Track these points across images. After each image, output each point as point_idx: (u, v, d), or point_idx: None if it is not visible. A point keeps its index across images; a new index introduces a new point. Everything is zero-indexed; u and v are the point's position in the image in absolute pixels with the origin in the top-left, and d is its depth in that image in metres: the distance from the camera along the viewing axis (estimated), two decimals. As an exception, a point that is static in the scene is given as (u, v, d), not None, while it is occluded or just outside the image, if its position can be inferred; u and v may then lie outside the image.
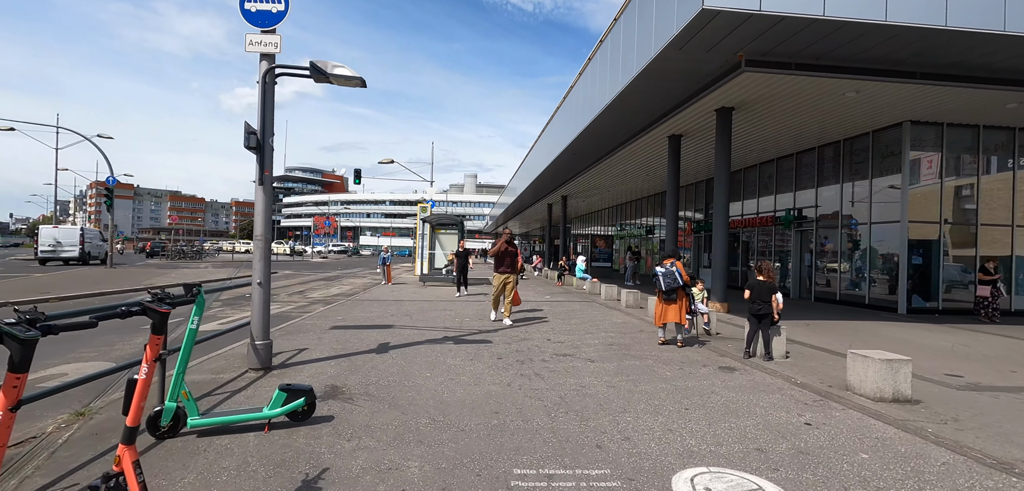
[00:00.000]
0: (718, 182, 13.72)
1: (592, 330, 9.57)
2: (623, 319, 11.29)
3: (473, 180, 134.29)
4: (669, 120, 14.79)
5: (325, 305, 13.50)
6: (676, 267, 8.13)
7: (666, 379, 6.04)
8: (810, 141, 17.24)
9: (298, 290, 18.15)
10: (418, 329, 9.30)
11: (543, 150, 26.95)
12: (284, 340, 7.93)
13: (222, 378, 5.65)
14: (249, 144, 5.78)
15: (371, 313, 11.41)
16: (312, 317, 10.62)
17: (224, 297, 15.07)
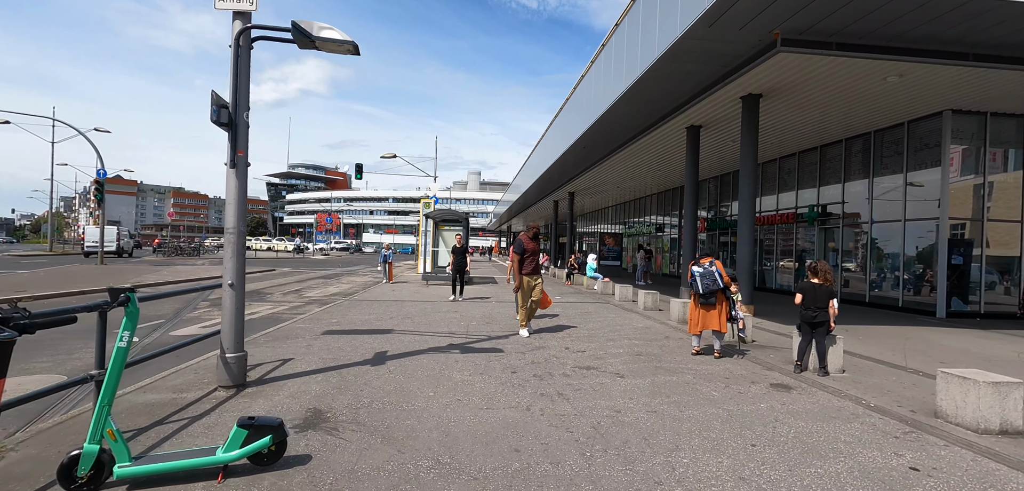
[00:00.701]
0: (744, 175, 12.73)
1: (614, 337, 8.61)
2: (644, 323, 10.32)
3: (477, 177, 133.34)
4: (688, 110, 13.81)
5: (321, 306, 12.57)
6: (715, 267, 7.16)
7: (714, 401, 5.08)
8: (836, 133, 16.22)
9: (295, 289, 17.24)
10: (420, 335, 8.36)
11: (550, 145, 25.99)
12: (268, 348, 7.00)
13: (185, 398, 4.72)
14: (219, 119, 4.83)
15: (369, 315, 10.47)
16: (305, 320, 9.69)
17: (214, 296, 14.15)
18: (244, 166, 5.06)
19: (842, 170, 16.64)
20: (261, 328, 8.91)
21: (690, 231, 16.04)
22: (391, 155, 31.24)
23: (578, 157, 23.12)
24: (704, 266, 7.22)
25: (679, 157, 20.41)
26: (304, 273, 25.11)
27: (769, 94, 12.34)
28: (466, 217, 20.54)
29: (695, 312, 7.36)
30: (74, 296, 13.24)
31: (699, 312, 7.30)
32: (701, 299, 7.22)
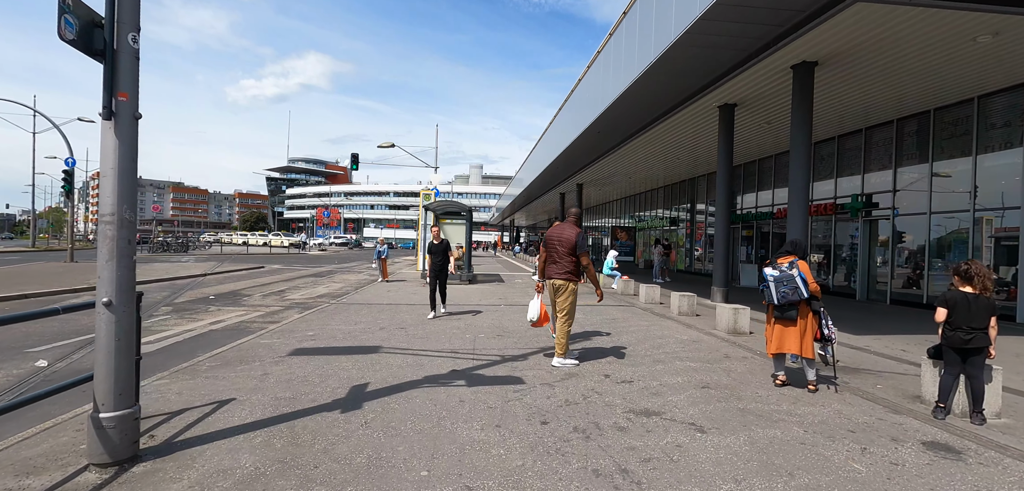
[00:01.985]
0: (796, 157, 10.88)
1: (661, 356, 6.79)
2: (687, 333, 8.51)
3: (478, 171, 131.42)
4: (723, 85, 11.98)
5: (302, 311, 10.79)
6: (798, 270, 5.31)
7: (862, 481, 3.28)
8: (887, 112, 14.34)
9: (278, 290, 15.46)
10: (414, 353, 6.57)
11: (557, 134, 24.19)
12: (205, 382, 5.20)
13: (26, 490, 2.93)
14: (87, 42, 3.04)
15: (356, 324, 8.68)
16: (275, 332, 7.90)
17: (183, 300, 12.38)
18: (130, 119, 3.25)
19: (893, 155, 14.76)
20: (214, 345, 7.13)
21: (723, 223, 14.21)
22: (389, 145, 29.40)
23: (589, 146, 21.26)
24: (781, 269, 5.37)
25: (705, 142, 18.55)
26: (295, 271, 23.34)
27: (827, 62, 10.48)
28: (469, 210, 18.72)
29: (771, 328, 5.56)
30: None
31: (776, 329, 5.48)
32: (778, 312, 5.40)
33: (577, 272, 6.12)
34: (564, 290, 6.09)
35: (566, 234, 6.05)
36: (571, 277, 6.06)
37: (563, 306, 6.11)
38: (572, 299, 6.07)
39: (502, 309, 11.11)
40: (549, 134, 27.33)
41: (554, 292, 6.18)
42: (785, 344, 5.41)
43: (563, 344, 6.07)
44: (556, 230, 6.17)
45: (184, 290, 14.18)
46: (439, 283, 10.17)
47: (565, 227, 6.11)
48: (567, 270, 6.03)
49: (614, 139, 19.77)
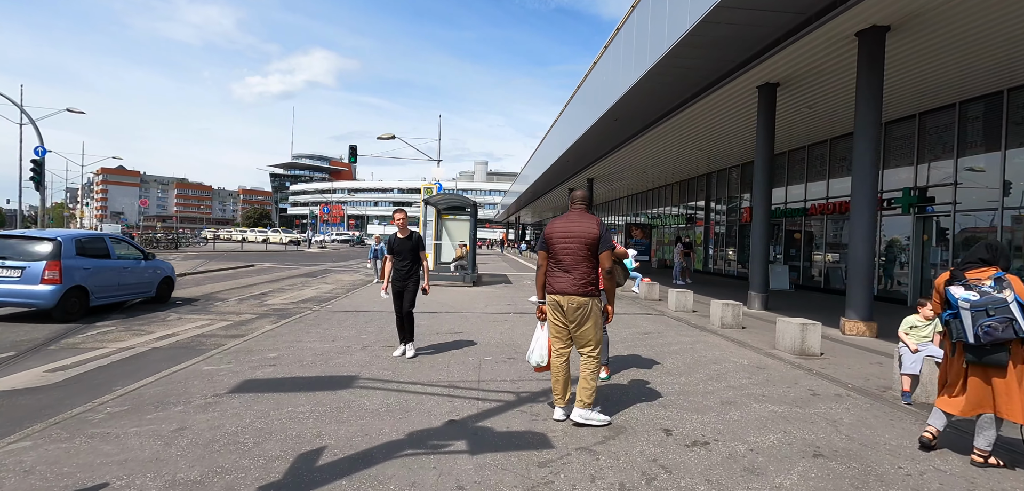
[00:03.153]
0: (862, 138, 9.16)
1: (731, 396, 5.12)
2: (746, 357, 6.83)
3: (483, 167, 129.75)
4: (766, 60, 10.31)
5: (278, 320, 9.18)
6: (1012, 290, 3.38)
7: None
8: (947, 95, 12.59)
9: (261, 292, 13.86)
10: (398, 389, 4.93)
11: (567, 127, 22.54)
12: (90, 445, 3.56)
13: None
14: None
15: (334, 340, 7.04)
16: (228, 354, 6.27)
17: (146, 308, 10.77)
18: None
19: (955, 142, 12.99)
20: (143, 373, 5.51)
21: (762, 219, 12.50)
22: (389, 136, 27.85)
23: (602, 137, 19.58)
24: (982, 288, 3.46)
25: (731, 131, 16.81)
26: (286, 270, 21.76)
27: (901, 27, 8.77)
28: (474, 205, 17.06)
29: (956, 372, 3.65)
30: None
31: (972, 380, 3.56)
32: (973, 355, 3.48)
33: (598, 281, 4.11)
34: (583, 312, 4.02)
35: (579, 227, 4.02)
36: (592, 290, 4.04)
37: (586, 336, 4.06)
38: (599, 322, 4.10)
39: (511, 320, 9.45)
40: (558, 127, 25.66)
41: (566, 316, 4.08)
42: (988, 403, 3.48)
43: (591, 391, 4.05)
44: (563, 223, 4.11)
45: (153, 293, 12.57)
46: (403, 303, 6.46)
47: (576, 218, 4.10)
48: (585, 280, 3.99)
49: (631, 129, 18.06)
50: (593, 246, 4.01)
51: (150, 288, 11.09)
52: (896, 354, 5.20)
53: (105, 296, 9.74)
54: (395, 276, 6.54)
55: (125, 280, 10.30)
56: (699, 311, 11.22)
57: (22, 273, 8.52)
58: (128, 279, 10.39)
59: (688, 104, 13.83)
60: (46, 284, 8.51)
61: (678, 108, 14.43)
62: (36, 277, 8.50)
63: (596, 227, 4.02)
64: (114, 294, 10.01)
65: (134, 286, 10.59)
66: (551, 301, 4.16)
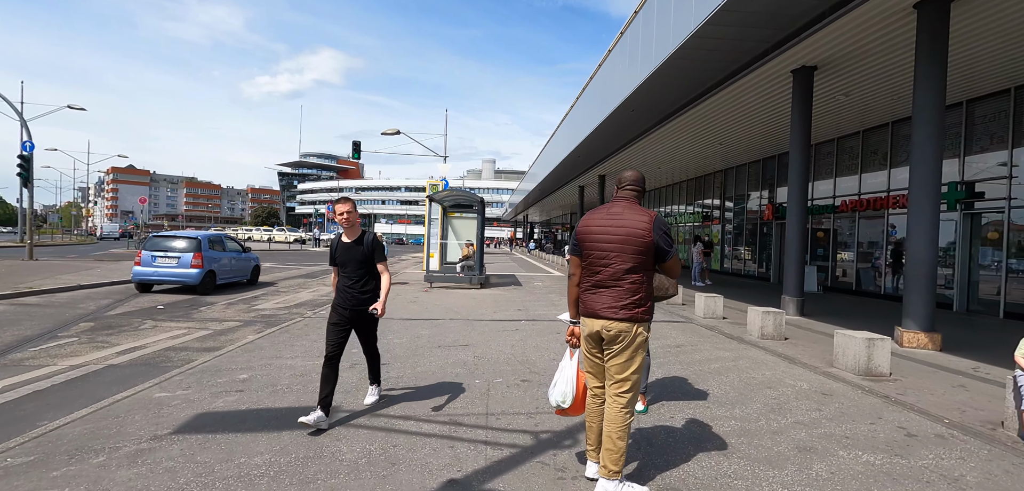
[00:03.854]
0: (921, 125, 8.05)
1: (803, 438, 4.08)
2: (804, 378, 5.78)
3: (491, 165, 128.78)
4: (804, 39, 9.26)
5: (264, 328, 8.22)
6: None
7: None
8: (998, 80, 11.43)
9: (254, 294, 12.94)
10: (385, 430, 3.94)
11: (578, 122, 21.53)
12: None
13: None
14: None
15: (318, 358, 6.06)
16: (193, 373, 5.31)
17: (120, 311, 9.88)
18: None
19: (1010, 132, 11.81)
20: (82, 401, 4.56)
21: (798, 217, 11.41)
22: (394, 131, 26.94)
23: (615, 132, 18.49)
24: None
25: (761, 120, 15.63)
26: (285, 270, 20.88)
27: (968, -4, 7.66)
28: (482, 202, 16.04)
29: None
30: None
31: None
32: None
33: (651, 298, 2.98)
34: (625, 340, 2.89)
35: (626, 224, 2.91)
36: (639, 313, 2.90)
37: (623, 372, 2.92)
38: (641, 357, 2.93)
39: (523, 329, 8.44)
40: (568, 122, 24.63)
41: (601, 346, 3.02)
42: None
43: (618, 454, 2.89)
44: (602, 219, 2.99)
45: (135, 296, 11.71)
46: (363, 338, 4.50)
47: (621, 211, 2.98)
48: (631, 299, 2.88)
49: (647, 122, 16.96)
50: (645, 251, 2.87)
51: (246, 273, 14.79)
52: (1011, 383, 4.14)
53: (224, 277, 13.45)
54: (340, 299, 4.30)
55: (235, 267, 14.05)
56: (730, 317, 10.16)
57: (178, 261, 12.19)
58: (236, 266, 14.14)
59: (712, 93, 12.76)
60: (194, 268, 12.21)
61: (700, 97, 13.35)
62: (187, 264, 12.19)
63: (648, 224, 2.88)
64: (229, 276, 13.72)
65: (240, 271, 14.36)
66: (585, 326, 3.04)
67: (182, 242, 12.46)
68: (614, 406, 2.93)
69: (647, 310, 2.93)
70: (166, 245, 12.35)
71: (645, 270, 2.91)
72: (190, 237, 12.70)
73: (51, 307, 9.84)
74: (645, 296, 2.92)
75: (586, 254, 3.02)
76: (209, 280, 12.54)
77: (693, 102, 13.75)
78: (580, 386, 3.16)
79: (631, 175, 3.09)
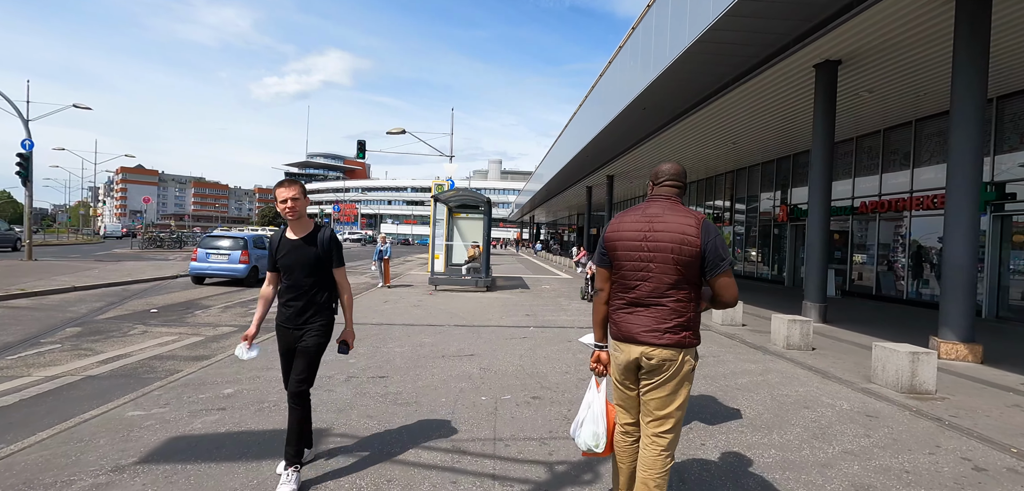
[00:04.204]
0: (960, 120, 7.51)
1: (861, 476, 3.55)
2: (843, 397, 5.26)
3: (498, 166, 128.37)
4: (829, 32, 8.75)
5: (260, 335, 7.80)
6: None
7: None
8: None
9: (253, 297, 12.54)
10: (378, 453, 3.48)
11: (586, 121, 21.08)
12: None
13: None
14: None
15: (311, 370, 5.63)
16: (177, 383, 4.88)
17: (110, 315, 9.49)
18: None
19: (1046, 129, 11.22)
20: (46, 420, 4.14)
21: (820, 217, 10.87)
22: (399, 130, 26.56)
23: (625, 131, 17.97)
24: None
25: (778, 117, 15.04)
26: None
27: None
28: (488, 202, 15.59)
29: None
30: None
31: None
32: None
33: (699, 319, 2.45)
34: (669, 370, 2.35)
35: (670, 228, 2.36)
36: (686, 337, 2.37)
37: (664, 407, 2.38)
38: (686, 391, 2.41)
39: (532, 336, 7.95)
40: (575, 122, 24.15)
41: (636, 376, 2.48)
42: None
43: None
44: (636, 221, 2.44)
45: (130, 298, 11.34)
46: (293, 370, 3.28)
47: (661, 211, 2.43)
48: (676, 320, 2.35)
49: (659, 121, 16.44)
50: (691, 262, 2.31)
51: None
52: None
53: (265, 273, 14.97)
54: (282, 316, 3.31)
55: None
56: (751, 324, 9.63)
57: (228, 258, 14.17)
58: None
59: (728, 89, 12.22)
60: (242, 264, 14.24)
61: (715, 94, 12.83)
62: (236, 260, 14.19)
63: (694, 228, 2.32)
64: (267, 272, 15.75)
65: None
66: (618, 352, 2.47)
67: (232, 241, 14.48)
68: (653, 449, 2.40)
69: (695, 334, 2.40)
70: (218, 244, 14.26)
71: (692, 285, 2.37)
72: (238, 237, 14.71)
73: (40, 310, 9.47)
74: (694, 316, 2.39)
75: (617, 265, 2.47)
76: (254, 274, 14.47)
77: (707, 100, 13.23)
78: (610, 422, 2.65)
79: (670, 168, 2.53)
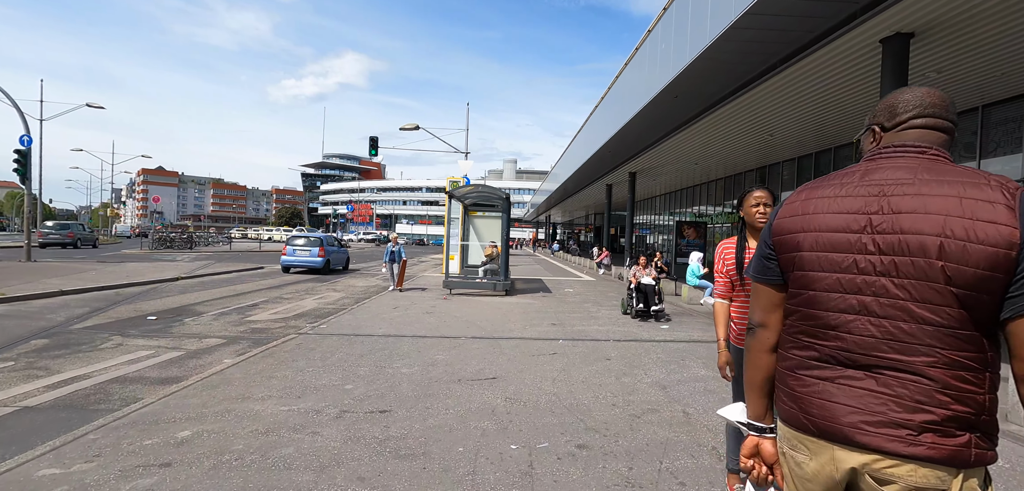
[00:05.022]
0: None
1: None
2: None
3: (512, 165, 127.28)
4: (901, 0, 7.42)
5: (245, 350, 6.75)
6: None
7: None
8: None
9: (252, 302, 11.55)
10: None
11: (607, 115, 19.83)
12: None
13: None
14: None
15: (298, 400, 4.53)
16: (123, 422, 3.83)
17: (92, 324, 8.53)
18: None
19: None
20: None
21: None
22: (413, 126, 25.61)
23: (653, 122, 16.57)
24: None
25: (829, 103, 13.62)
26: (297, 274, 19.60)
27: None
28: (507, 199, 14.42)
29: None
30: None
31: None
32: None
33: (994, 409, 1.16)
34: None
35: (940, 206, 1.14)
36: (972, 448, 1.14)
37: None
38: None
39: (563, 352, 6.79)
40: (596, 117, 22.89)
41: None
42: None
43: None
44: (853, 193, 1.26)
45: (120, 303, 10.42)
46: None
47: (916, 175, 1.21)
48: (951, 406, 1.13)
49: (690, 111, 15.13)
50: (988, 283, 1.11)
51: (342, 262, 21.18)
52: None
53: (335, 264, 19.89)
54: None
55: (339, 257, 20.55)
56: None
57: (309, 253, 18.43)
58: (339, 256, 20.69)
59: (772, 73, 10.93)
60: (319, 257, 18.49)
61: (760, 78, 11.54)
62: (315, 254, 18.49)
63: (1005, 207, 1.10)
64: (335, 264, 20.00)
65: (341, 260, 20.91)
66: (804, 454, 1.28)
67: (311, 240, 19.15)
68: None
69: (990, 437, 1.17)
70: (301, 243, 18.92)
71: (982, 329, 1.15)
72: (316, 236, 19.52)
73: (15, 318, 8.56)
74: (987, 399, 1.16)
75: (801, 281, 1.31)
76: (327, 265, 18.94)
77: (749, 85, 11.94)
78: None
79: (926, 95, 1.32)
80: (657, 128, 17.89)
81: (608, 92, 19.99)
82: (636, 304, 10.02)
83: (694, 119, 15.55)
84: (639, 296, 10.05)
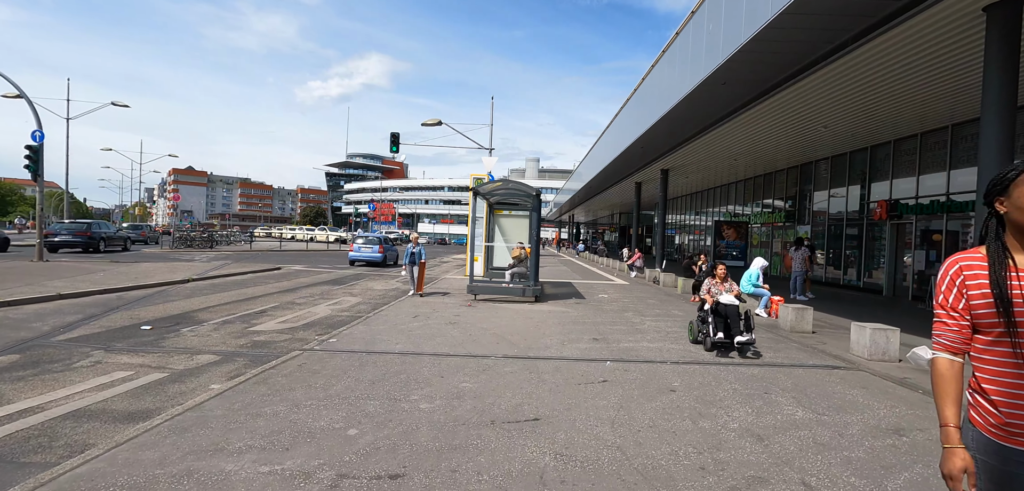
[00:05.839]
0: None
1: None
2: None
3: (535, 164, 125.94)
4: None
5: (240, 370, 5.74)
6: None
7: None
8: None
9: (260, 308, 10.61)
10: None
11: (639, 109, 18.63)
12: None
13: None
14: None
15: (285, 452, 3.46)
16: (46, 488, 2.79)
17: (81, 333, 7.64)
18: None
19: None
20: None
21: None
22: (435, 122, 24.67)
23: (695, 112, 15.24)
24: None
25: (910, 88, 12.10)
26: (313, 275, 18.73)
27: None
28: (537, 196, 13.18)
29: None
30: None
31: None
32: None
33: None
34: None
35: None
36: None
37: None
38: None
39: (614, 378, 5.59)
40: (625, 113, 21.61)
41: None
42: None
43: None
44: None
45: (119, 309, 9.58)
46: None
47: None
48: None
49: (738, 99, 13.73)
50: None
51: (395, 259, 25.42)
52: None
53: (390, 261, 24.48)
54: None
55: (392, 254, 25.08)
56: (910, 366, 7.00)
57: (372, 249, 23.40)
58: (392, 254, 25.23)
59: (843, 52, 9.58)
60: (380, 253, 23.39)
61: (823, 61, 10.18)
62: (376, 250, 23.40)
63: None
64: (391, 260, 24.70)
65: (394, 257, 25.38)
66: None
67: (371, 239, 24.21)
68: None
69: None
70: (363, 241, 23.87)
71: None
72: (377, 236, 25.16)
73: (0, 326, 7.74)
74: None
75: None
76: (385, 260, 23.39)
77: (813, 66, 10.55)
78: None
79: None
80: (695, 122, 16.50)
81: (641, 84, 18.65)
82: (714, 333, 7.26)
83: (739, 111, 14.16)
84: (718, 321, 7.33)
